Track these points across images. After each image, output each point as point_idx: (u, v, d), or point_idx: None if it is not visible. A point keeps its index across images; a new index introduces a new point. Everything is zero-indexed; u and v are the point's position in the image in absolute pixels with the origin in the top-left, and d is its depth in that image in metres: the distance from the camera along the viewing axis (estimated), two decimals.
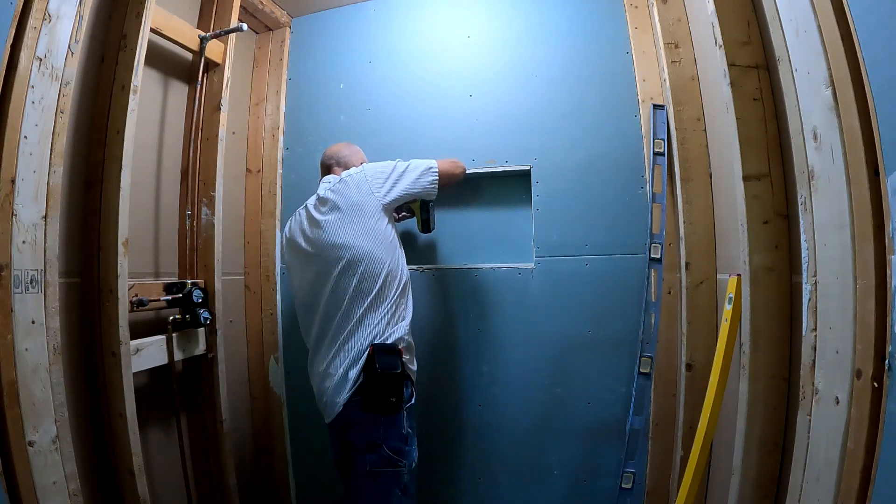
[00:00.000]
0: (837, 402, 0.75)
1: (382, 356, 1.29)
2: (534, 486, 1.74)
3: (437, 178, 1.52)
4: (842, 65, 0.73)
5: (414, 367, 1.43)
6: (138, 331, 1.41)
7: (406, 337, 1.40)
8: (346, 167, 1.59)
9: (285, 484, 1.96)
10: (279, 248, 2.01)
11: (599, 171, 1.73)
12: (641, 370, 1.59)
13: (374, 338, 1.32)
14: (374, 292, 1.35)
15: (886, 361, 0.66)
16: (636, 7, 1.73)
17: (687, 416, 1.42)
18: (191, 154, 1.66)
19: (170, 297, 1.51)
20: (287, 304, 2.00)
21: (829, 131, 0.76)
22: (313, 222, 1.45)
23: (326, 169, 1.64)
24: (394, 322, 1.37)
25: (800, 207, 0.86)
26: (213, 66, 1.73)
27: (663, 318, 1.59)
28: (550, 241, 1.76)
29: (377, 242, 1.39)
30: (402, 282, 1.43)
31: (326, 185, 1.49)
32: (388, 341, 1.33)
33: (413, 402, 1.36)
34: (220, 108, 1.70)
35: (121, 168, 1.30)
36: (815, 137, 0.80)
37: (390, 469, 1.27)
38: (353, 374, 1.30)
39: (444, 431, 1.82)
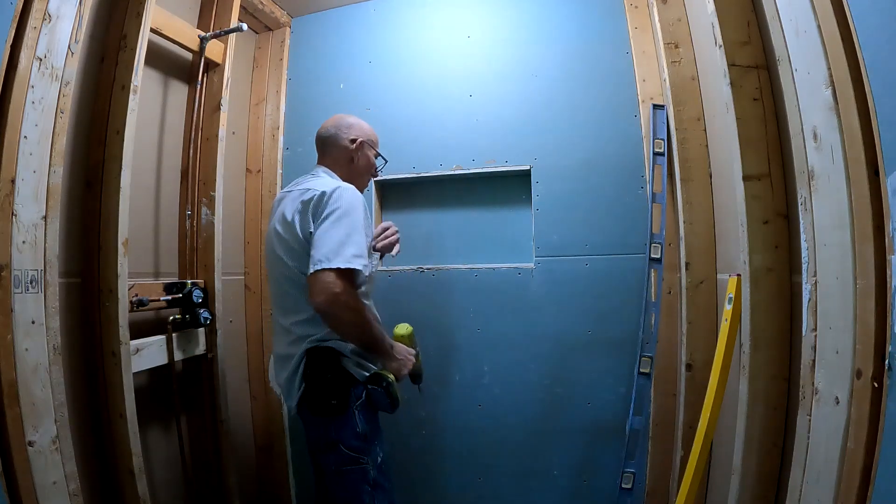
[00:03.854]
0: (837, 402, 0.75)
1: (318, 361, 1.27)
2: (534, 486, 1.74)
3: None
4: (842, 65, 0.73)
5: (367, 365, 1.31)
6: (138, 331, 1.41)
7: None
8: (332, 157, 1.44)
9: (285, 484, 1.96)
10: None
11: (599, 171, 1.73)
12: (641, 370, 1.59)
13: (312, 342, 1.27)
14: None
15: (886, 361, 0.66)
16: (636, 7, 1.73)
17: (687, 416, 1.42)
18: (191, 154, 1.66)
19: (170, 297, 1.50)
20: None
21: (829, 131, 0.76)
22: (283, 222, 1.31)
23: (317, 149, 1.48)
24: None
25: (800, 207, 0.86)
26: (213, 66, 1.73)
27: (663, 318, 1.59)
28: (550, 241, 1.76)
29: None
30: None
31: (304, 195, 1.29)
32: (326, 344, 1.27)
33: (364, 399, 1.28)
34: (220, 108, 1.70)
35: (121, 168, 1.29)
36: (815, 137, 0.80)
37: (355, 466, 1.26)
38: (296, 379, 1.29)
39: (444, 431, 1.82)
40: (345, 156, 1.45)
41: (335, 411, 1.25)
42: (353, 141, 1.45)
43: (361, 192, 1.50)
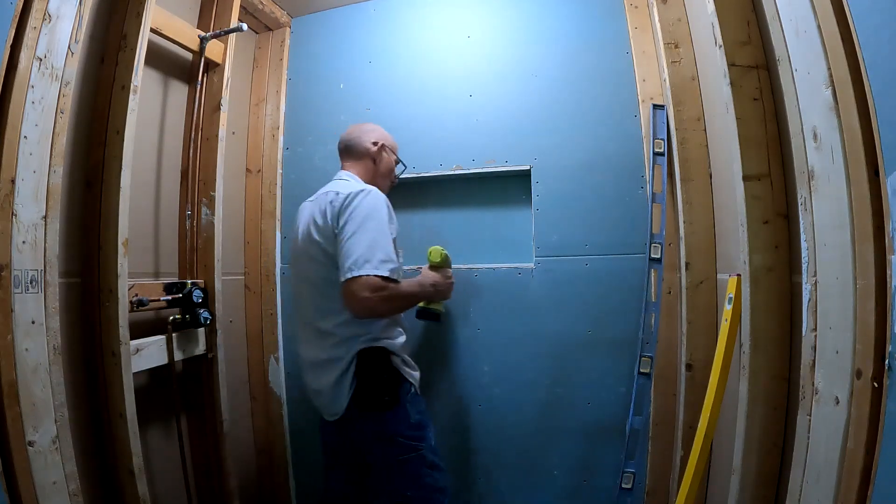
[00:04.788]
0: (837, 402, 0.75)
1: (371, 361, 1.30)
2: (534, 485, 1.74)
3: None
4: (842, 65, 0.73)
5: (410, 361, 1.41)
6: (138, 331, 1.41)
7: (398, 339, 1.37)
8: (355, 159, 1.51)
9: (285, 484, 1.96)
10: (279, 248, 2.01)
11: (599, 171, 1.73)
12: (641, 370, 1.59)
13: (364, 342, 1.31)
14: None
15: (886, 361, 0.66)
16: (636, 7, 1.73)
17: (687, 416, 1.42)
18: (191, 154, 1.66)
19: (170, 297, 1.50)
20: (287, 304, 2.00)
21: (829, 131, 0.76)
22: (316, 227, 1.35)
23: (339, 155, 1.56)
24: (382, 324, 1.34)
25: (800, 207, 0.86)
26: (213, 66, 1.73)
27: (663, 318, 1.59)
28: (550, 241, 1.76)
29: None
30: None
31: (331, 197, 1.34)
32: (378, 344, 1.32)
33: (413, 391, 1.36)
34: (220, 108, 1.70)
35: (121, 168, 1.29)
36: (815, 137, 0.80)
37: (413, 454, 1.30)
38: (347, 380, 1.30)
39: (444, 431, 1.82)
40: (367, 158, 1.51)
41: (388, 406, 1.29)
42: (375, 143, 1.52)
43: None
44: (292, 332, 1.99)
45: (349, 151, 1.52)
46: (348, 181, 1.43)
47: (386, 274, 1.22)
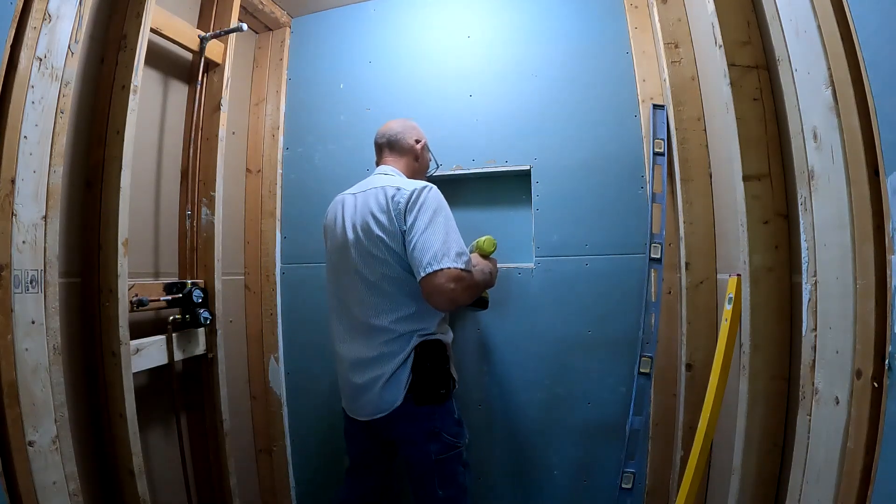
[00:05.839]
0: (837, 402, 0.75)
1: (429, 353, 1.31)
2: (534, 485, 1.74)
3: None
4: (842, 65, 0.73)
5: (452, 358, 1.43)
6: (138, 331, 1.41)
7: (448, 334, 1.40)
8: (397, 155, 1.48)
9: (285, 484, 1.96)
10: (279, 247, 2.01)
11: (599, 171, 1.73)
12: (641, 370, 1.59)
13: (422, 336, 1.31)
14: (417, 294, 1.29)
15: (886, 361, 0.66)
16: (636, 7, 1.73)
17: (687, 416, 1.42)
18: (191, 154, 1.67)
19: (170, 297, 1.50)
20: (287, 303, 2.00)
21: (829, 131, 0.76)
22: (377, 222, 1.31)
23: (378, 149, 1.52)
24: (438, 319, 1.36)
25: (800, 207, 0.86)
26: (213, 66, 1.73)
27: (663, 318, 1.59)
28: (550, 241, 1.76)
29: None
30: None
31: (391, 192, 1.31)
32: (435, 337, 1.33)
33: (456, 388, 1.39)
34: (220, 108, 1.70)
35: (121, 168, 1.30)
36: (815, 137, 0.80)
37: (453, 452, 1.32)
38: (404, 374, 1.29)
39: None
40: (410, 155, 1.51)
41: (442, 399, 1.31)
42: (418, 141, 1.52)
43: None
44: (295, 330, 1.99)
45: (391, 147, 1.49)
46: (396, 176, 1.42)
47: (463, 266, 1.22)
